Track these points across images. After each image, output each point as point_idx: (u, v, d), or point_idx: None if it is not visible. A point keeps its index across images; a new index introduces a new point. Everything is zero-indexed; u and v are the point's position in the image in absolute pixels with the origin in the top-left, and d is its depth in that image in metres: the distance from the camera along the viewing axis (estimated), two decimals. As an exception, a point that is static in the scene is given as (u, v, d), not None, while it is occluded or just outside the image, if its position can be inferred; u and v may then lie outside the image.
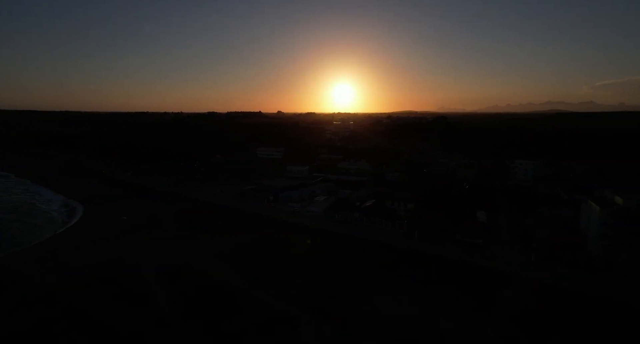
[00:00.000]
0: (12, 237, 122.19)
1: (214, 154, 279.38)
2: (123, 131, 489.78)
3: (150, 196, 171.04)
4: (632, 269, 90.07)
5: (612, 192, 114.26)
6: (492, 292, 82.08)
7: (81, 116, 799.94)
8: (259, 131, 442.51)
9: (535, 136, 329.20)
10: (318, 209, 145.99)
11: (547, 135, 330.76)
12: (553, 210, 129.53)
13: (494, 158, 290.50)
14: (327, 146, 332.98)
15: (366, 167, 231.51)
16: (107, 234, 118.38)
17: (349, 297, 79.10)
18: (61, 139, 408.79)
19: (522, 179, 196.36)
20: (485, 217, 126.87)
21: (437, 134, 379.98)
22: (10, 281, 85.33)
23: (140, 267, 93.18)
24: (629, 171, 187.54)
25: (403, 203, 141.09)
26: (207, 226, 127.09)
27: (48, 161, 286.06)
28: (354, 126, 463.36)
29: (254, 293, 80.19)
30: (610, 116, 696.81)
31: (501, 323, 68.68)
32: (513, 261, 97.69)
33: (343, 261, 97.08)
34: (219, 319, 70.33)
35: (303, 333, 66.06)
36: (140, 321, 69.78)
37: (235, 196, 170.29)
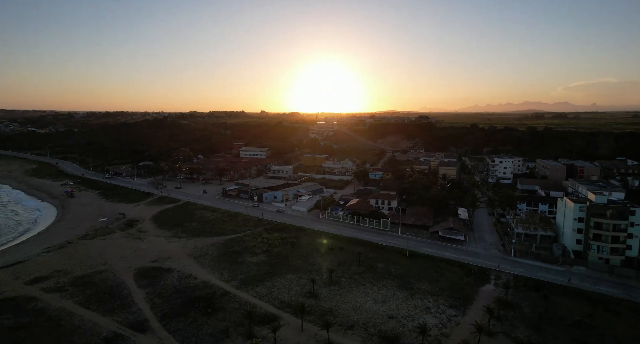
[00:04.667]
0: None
1: (196, 154, 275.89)
2: (100, 131, 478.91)
3: (130, 197, 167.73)
4: (602, 260, 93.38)
5: (585, 189, 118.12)
6: (472, 287, 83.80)
7: (55, 115, 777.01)
8: (242, 131, 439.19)
9: (513, 135, 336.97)
10: (303, 208, 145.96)
11: (525, 134, 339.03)
12: (531, 206, 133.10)
13: (474, 156, 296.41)
14: (311, 146, 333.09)
15: (350, 166, 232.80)
16: (85, 236, 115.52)
17: (330, 294, 79.44)
18: (33, 139, 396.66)
19: (502, 177, 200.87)
20: (467, 213, 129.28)
21: (419, 133, 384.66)
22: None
23: (118, 269, 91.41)
24: (601, 167, 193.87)
25: (386, 201, 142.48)
26: (187, 227, 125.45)
27: (20, 162, 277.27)
28: (338, 126, 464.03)
29: (235, 293, 79.69)
30: (583, 115, 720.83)
31: (478, 315, 70.14)
32: (493, 257, 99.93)
33: (326, 259, 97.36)
34: (200, 320, 69.64)
35: (285, 331, 65.99)
36: (120, 324, 68.48)
37: (219, 197, 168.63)
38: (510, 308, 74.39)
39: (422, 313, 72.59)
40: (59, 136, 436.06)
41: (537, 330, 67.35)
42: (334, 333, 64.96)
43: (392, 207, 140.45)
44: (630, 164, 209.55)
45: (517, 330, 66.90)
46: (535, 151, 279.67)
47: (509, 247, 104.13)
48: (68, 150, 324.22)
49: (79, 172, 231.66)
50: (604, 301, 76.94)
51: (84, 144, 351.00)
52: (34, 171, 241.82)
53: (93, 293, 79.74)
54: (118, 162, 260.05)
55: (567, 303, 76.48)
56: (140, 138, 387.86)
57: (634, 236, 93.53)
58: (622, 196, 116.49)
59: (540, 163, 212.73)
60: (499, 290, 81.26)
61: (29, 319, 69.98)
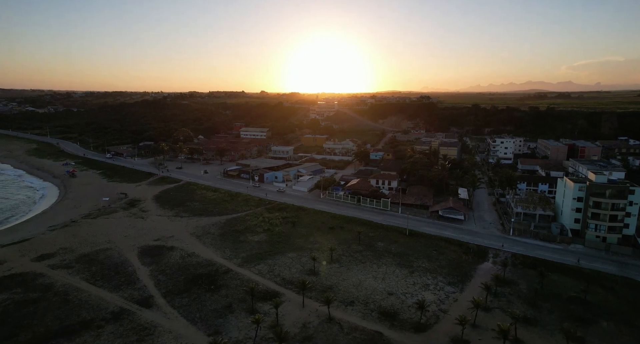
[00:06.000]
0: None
1: (197, 135, 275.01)
2: (100, 111, 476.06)
3: (132, 177, 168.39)
4: (599, 238, 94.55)
5: (585, 169, 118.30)
6: (470, 265, 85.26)
7: (53, 95, 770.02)
8: (242, 111, 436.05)
9: (515, 115, 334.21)
10: (303, 188, 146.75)
11: (527, 114, 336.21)
12: (531, 186, 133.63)
13: (475, 136, 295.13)
14: (311, 126, 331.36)
15: (350, 146, 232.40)
16: (88, 215, 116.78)
17: (331, 272, 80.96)
18: (32, 119, 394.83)
19: (503, 157, 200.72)
20: (467, 193, 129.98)
21: (420, 114, 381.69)
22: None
23: (122, 247, 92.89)
24: (602, 147, 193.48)
25: (387, 181, 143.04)
26: (189, 206, 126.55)
27: (20, 141, 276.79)
28: (339, 106, 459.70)
29: (237, 271, 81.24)
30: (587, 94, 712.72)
31: (475, 292, 71.67)
32: (492, 236, 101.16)
33: (327, 238, 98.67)
34: (203, 297, 71.28)
35: (286, 307, 67.63)
36: (126, 299, 70.19)
37: (220, 177, 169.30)
38: (507, 285, 75.92)
39: (421, 290, 74.14)
40: (58, 116, 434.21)
41: (532, 306, 68.95)
42: (334, 309, 66.58)
43: (392, 187, 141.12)
44: (632, 144, 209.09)
45: (513, 306, 68.50)
46: (537, 131, 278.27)
47: (507, 226, 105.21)
48: (68, 130, 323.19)
49: (80, 152, 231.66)
50: (599, 278, 78.33)
51: (83, 124, 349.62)
52: (34, 150, 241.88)
53: (98, 270, 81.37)
54: (118, 142, 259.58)
55: (563, 280, 77.98)
56: (140, 118, 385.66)
57: (632, 214, 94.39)
58: (622, 175, 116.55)
59: (541, 143, 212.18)
60: (496, 268, 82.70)
61: (38, 294, 71.78)
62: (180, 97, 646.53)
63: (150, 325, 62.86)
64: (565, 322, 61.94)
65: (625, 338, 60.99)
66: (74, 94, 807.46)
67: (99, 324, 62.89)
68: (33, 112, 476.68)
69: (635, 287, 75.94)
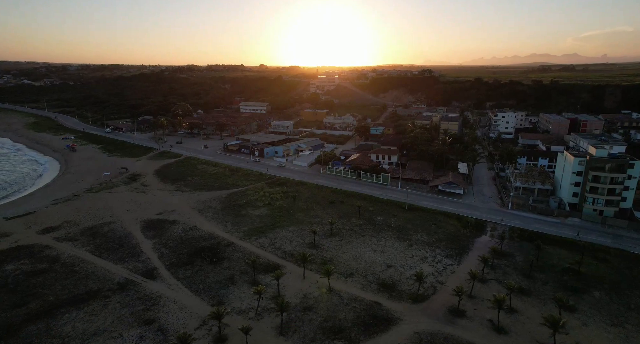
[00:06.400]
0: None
1: (196, 109, 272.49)
2: (97, 85, 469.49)
3: (132, 151, 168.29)
4: (596, 212, 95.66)
5: (586, 143, 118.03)
6: (468, 238, 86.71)
7: (49, 68, 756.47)
8: (241, 85, 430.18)
9: (518, 89, 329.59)
10: (304, 163, 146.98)
11: (530, 87, 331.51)
12: (531, 161, 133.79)
13: (477, 111, 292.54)
14: (311, 101, 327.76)
15: (351, 121, 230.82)
16: (90, 190, 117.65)
17: (331, 245, 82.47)
18: (29, 92, 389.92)
19: (504, 131, 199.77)
20: (467, 168, 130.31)
21: (422, 88, 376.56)
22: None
23: (125, 220, 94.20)
24: (605, 121, 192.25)
25: (387, 156, 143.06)
26: (190, 181, 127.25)
27: (18, 115, 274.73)
28: (339, 80, 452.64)
29: (239, 244, 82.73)
30: (592, 67, 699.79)
31: (473, 264, 73.30)
32: (490, 210, 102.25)
33: (327, 212, 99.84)
34: (206, 269, 72.95)
35: (287, 278, 69.33)
36: (131, 271, 71.91)
37: (220, 152, 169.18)
38: (504, 258, 77.53)
39: (419, 262, 75.76)
40: (54, 89, 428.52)
41: (527, 277, 70.69)
42: (334, 281, 68.29)
43: (392, 162, 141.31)
44: (635, 117, 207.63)
45: (509, 277, 70.24)
46: (539, 105, 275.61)
47: (506, 200, 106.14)
48: (66, 104, 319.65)
49: (79, 126, 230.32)
50: (594, 250, 79.97)
51: (81, 98, 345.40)
52: (33, 124, 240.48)
53: (103, 243, 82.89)
54: (117, 116, 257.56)
55: (558, 252, 79.55)
56: (138, 92, 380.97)
57: (630, 188, 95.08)
58: (622, 149, 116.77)
59: (543, 117, 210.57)
60: (494, 241, 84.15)
61: (45, 265, 73.58)
62: (178, 71, 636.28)
63: (155, 295, 64.72)
64: (559, 292, 63.70)
65: (615, 306, 63.02)
66: (69, 67, 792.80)
67: (105, 294, 64.79)
68: (29, 85, 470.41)
69: (628, 258, 77.65)
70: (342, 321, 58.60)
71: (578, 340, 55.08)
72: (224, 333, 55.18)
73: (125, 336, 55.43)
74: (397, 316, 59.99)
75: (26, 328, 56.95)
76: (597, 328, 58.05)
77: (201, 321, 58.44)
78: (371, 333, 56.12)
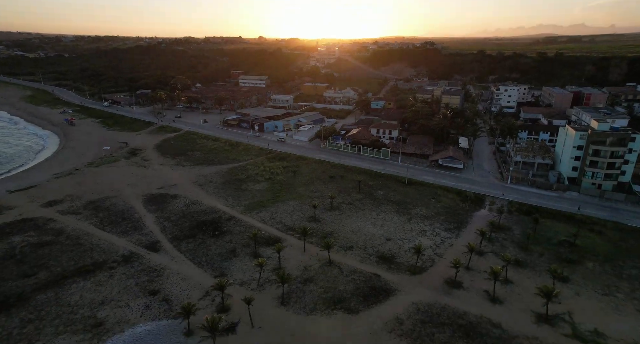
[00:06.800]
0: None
1: (194, 83, 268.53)
2: (93, 57, 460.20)
3: (131, 126, 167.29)
4: (594, 185, 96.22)
5: (589, 117, 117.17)
6: (467, 212, 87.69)
7: (42, 39, 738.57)
8: (240, 58, 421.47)
9: (522, 62, 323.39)
10: (304, 138, 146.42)
11: (534, 60, 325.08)
12: (532, 135, 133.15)
13: (479, 84, 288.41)
14: (311, 74, 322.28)
15: (351, 95, 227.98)
16: (91, 164, 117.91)
17: (331, 219, 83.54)
18: (23, 64, 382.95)
19: (506, 105, 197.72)
20: (467, 142, 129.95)
21: (424, 61, 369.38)
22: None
23: (127, 195, 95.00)
24: (609, 94, 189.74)
25: (388, 131, 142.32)
26: (190, 156, 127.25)
27: (13, 87, 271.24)
28: (340, 53, 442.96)
29: (240, 218, 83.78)
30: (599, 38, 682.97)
31: (471, 238, 74.58)
32: (489, 184, 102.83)
33: (327, 187, 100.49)
34: (208, 242, 74.24)
35: (288, 251, 70.73)
36: (135, 244, 73.25)
37: (219, 126, 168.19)
38: (501, 231, 78.71)
39: (418, 236, 77.00)
40: (49, 61, 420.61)
41: (524, 250, 72.05)
42: (334, 253, 69.66)
43: (393, 136, 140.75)
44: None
45: (506, 250, 71.59)
46: (543, 78, 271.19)
47: (506, 174, 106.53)
48: (62, 76, 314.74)
49: (77, 100, 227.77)
50: (590, 223, 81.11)
51: (77, 71, 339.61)
52: (30, 97, 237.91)
53: (106, 216, 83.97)
54: (114, 90, 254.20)
55: (555, 225, 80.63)
56: (135, 65, 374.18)
57: (630, 162, 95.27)
58: (625, 123, 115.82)
59: (546, 91, 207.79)
60: (492, 215, 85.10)
61: (51, 238, 74.99)
62: (175, 43, 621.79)
63: (159, 267, 66.24)
64: (554, 264, 65.10)
65: (607, 276, 64.68)
66: (63, 38, 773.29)
67: (111, 266, 66.34)
68: (23, 56, 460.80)
69: (623, 230, 78.89)
70: (342, 292, 60.24)
71: (570, 309, 56.82)
72: (227, 303, 56.89)
73: (132, 305, 57.20)
74: (396, 287, 61.61)
75: (36, 296, 58.79)
76: (589, 297, 59.78)
77: (204, 291, 60.11)
78: (370, 303, 57.82)
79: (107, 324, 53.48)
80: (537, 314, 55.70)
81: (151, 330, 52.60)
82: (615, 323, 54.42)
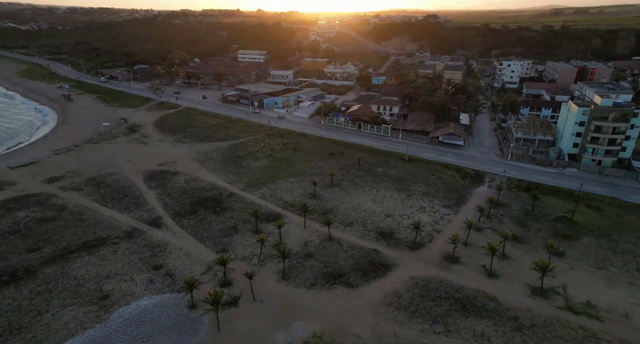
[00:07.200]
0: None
1: (192, 58, 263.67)
2: (87, 30, 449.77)
3: (130, 102, 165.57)
4: (594, 162, 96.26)
5: (592, 92, 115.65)
6: (466, 189, 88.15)
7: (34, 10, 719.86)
8: (238, 32, 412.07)
9: (526, 36, 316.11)
10: (304, 114, 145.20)
11: (539, 33, 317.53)
12: (534, 111, 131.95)
13: (482, 59, 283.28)
14: (311, 49, 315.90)
15: (352, 71, 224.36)
16: (90, 140, 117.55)
17: (331, 195, 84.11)
18: (16, 37, 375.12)
19: (509, 81, 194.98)
20: (468, 119, 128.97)
21: (426, 35, 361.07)
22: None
23: (127, 171, 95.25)
24: (614, 68, 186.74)
25: (388, 107, 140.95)
26: (190, 132, 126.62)
27: (7, 61, 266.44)
28: (340, 27, 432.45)
29: (240, 194, 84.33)
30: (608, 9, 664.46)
31: (470, 214, 75.35)
32: (490, 161, 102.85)
33: (327, 164, 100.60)
34: (209, 218, 75.05)
35: (289, 227, 71.61)
36: (137, 220, 74.11)
37: (219, 102, 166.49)
38: (500, 207, 79.38)
39: (417, 212, 77.72)
40: (43, 34, 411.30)
41: (522, 226, 72.92)
42: (334, 229, 70.55)
43: (393, 113, 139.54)
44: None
45: (504, 226, 72.44)
46: (548, 52, 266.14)
47: (506, 151, 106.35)
48: (57, 50, 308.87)
49: (73, 74, 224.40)
50: (588, 199, 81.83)
51: (72, 45, 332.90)
52: (25, 72, 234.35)
53: (107, 193, 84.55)
54: (111, 65, 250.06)
55: (554, 202, 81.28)
56: (131, 39, 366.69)
57: (632, 138, 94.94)
58: (629, 98, 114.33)
59: (550, 66, 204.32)
60: (491, 191, 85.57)
61: (54, 213, 75.86)
62: (171, 16, 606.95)
63: (161, 243, 67.28)
64: (550, 239, 66.05)
65: (602, 251, 65.80)
66: (56, 10, 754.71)
67: (114, 241, 67.38)
68: (15, 29, 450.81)
69: (620, 206, 79.72)
70: (342, 267, 61.43)
71: (564, 282, 58.14)
72: (229, 278, 58.15)
73: (136, 279, 58.50)
74: (394, 262, 62.76)
75: (43, 270, 60.17)
76: (584, 271, 61.04)
77: (207, 266, 61.30)
78: (369, 278, 59.08)
79: (112, 297, 54.89)
80: (532, 288, 57.04)
81: (156, 303, 54.01)
82: (607, 296, 55.83)
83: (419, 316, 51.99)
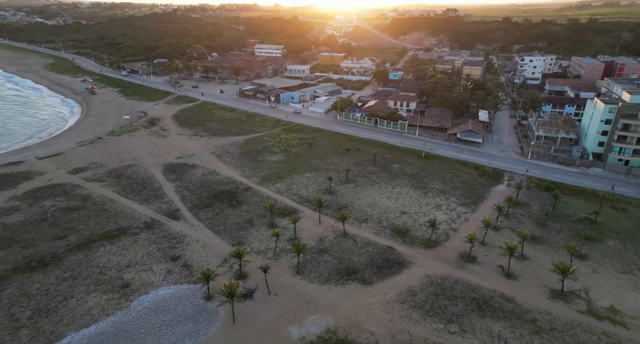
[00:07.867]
0: (16, 133, 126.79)
1: (210, 52, 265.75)
2: (110, 25, 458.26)
3: (149, 95, 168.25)
4: (621, 161, 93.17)
5: (620, 89, 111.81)
6: (484, 187, 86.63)
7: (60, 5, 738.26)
8: (255, 26, 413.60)
9: (550, 29, 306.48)
10: (320, 109, 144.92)
11: (564, 27, 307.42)
12: (557, 108, 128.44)
13: (503, 54, 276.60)
14: (328, 44, 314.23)
15: (369, 66, 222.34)
16: (112, 133, 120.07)
17: (347, 191, 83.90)
18: (43, 32, 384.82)
19: (530, 77, 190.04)
20: (487, 116, 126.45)
21: (445, 29, 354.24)
22: (27, 176, 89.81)
23: (147, 163, 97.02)
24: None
25: (405, 103, 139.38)
26: (207, 126, 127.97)
27: (35, 55, 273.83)
28: (358, 21, 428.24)
29: (256, 189, 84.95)
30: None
31: (487, 213, 74.04)
32: (509, 159, 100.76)
33: (343, 160, 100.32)
34: (226, 211, 75.87)
35: (304, 222, 71.84)
36: (156, 211, 75.55)
37: (236, 97, 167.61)
38: (519, 207, 77.81)
39: (434, 210, 76.89)
40: (68, 29, 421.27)
41: (542, 226, 71.33)
42: (349, 225, 70.48)
43: (410, 109, 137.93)
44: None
45: (523, 226, 71.03)
46: (573, 47, 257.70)
47: (526, 149, 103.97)
48: (81, 45, 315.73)
49: (96, 68, 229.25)
50: (613, 200, 79.36)
51: (95, 39, 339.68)
52: (51, 66, 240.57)
53: (128, 184, 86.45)
54: (132, 59, 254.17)
55: (576, 202, 79.17)
56: (151, 33, 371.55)
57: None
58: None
59: (575, 61, 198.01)
60: (510, 190, 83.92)
61: (78, 203, 78.35)
62: (190, 10, 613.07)
63: (179, 235, 68.48)
64: (572, 241, 64.39)
65: (628, 254, 63.76)
66: (80, 5, 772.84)
67: (134, 232, 68.97)
68: (43, 24, 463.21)
69: (648, 210, 76.88)
70: (356, 263, 61.39)
71: (587, 286, 56.70)
72: (244, 271, 58.83)
73: (155, 269, 59.80)
74: (410, 260, 62.35)
75: (68, 257, 62.28)
76: (607, 274, 59.37)
77: (223, 259, 62.15)
78: (384, 275, 58.89)
79: (133, 286, 56.30)
80: (552, 290, 55.85)
81: (173, 293, 55.15)
82: (633, 301, 54.23)
83: (434, 315, 51.61)
